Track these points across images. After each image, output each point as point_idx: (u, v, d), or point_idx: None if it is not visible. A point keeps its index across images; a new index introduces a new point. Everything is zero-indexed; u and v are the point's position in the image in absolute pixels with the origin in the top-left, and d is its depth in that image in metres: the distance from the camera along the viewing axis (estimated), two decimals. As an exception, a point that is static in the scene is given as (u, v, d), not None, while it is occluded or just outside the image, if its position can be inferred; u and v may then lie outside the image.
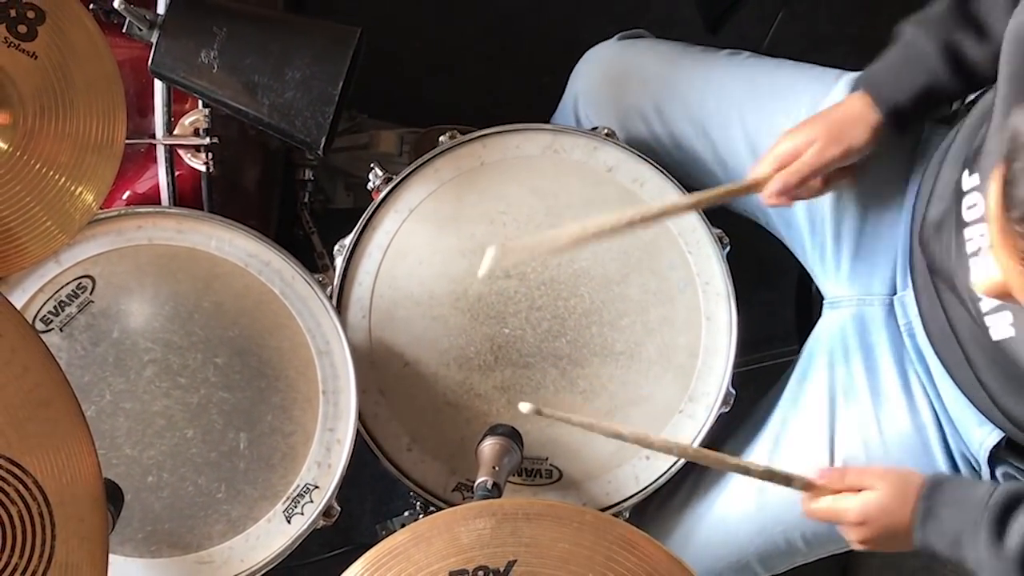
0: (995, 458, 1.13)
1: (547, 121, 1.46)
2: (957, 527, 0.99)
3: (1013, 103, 0.95)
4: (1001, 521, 0.96)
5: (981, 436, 1.13)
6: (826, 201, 1.22)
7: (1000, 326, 1.01)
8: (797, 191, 1.13)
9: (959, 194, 1.01)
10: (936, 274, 1.10)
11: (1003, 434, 1.11)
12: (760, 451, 1.27)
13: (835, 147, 1.10)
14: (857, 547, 1.10)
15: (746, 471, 1.06)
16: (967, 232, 0.99)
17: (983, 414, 1.11)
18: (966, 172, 1.01)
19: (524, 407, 0.99)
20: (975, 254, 0.97)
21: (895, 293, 1.22)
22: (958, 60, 1.07)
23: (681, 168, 1.29)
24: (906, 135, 1.15)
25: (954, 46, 1.07)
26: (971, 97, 1.18)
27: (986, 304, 1.03)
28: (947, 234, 1.04)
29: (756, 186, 1.14)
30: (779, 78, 1.29)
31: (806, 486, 1.07)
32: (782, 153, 1.12)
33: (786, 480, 1.06)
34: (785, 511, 1.22)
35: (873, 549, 1.08)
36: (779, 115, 1.24)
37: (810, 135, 1.11)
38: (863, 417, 1.20)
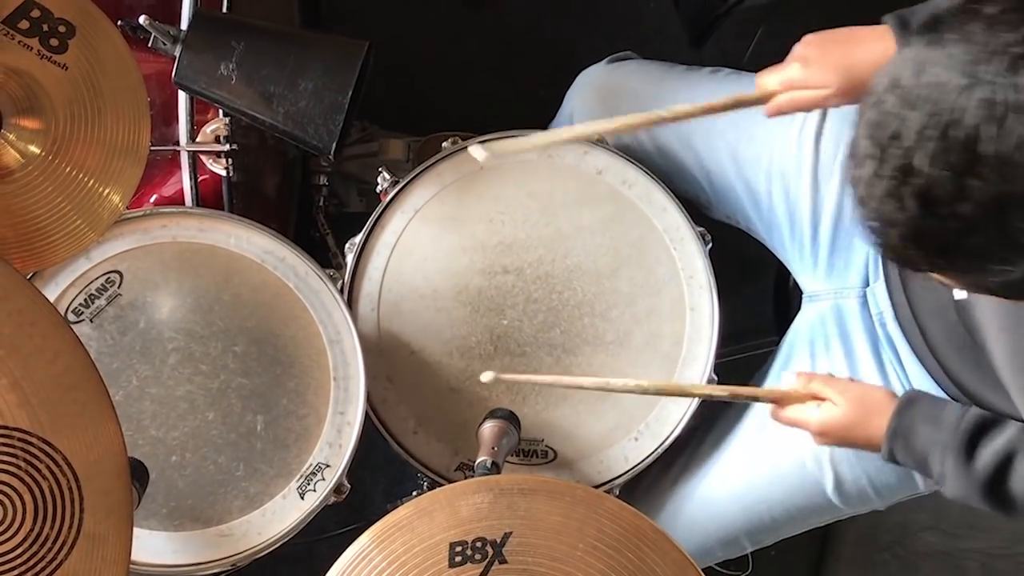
0: None
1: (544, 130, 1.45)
2: (927, 444, 0.98)
3: None
4: (971, 443, 0.96)
5: None
6: (804, 200, 1.21)
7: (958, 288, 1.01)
8: None
9: None
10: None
11: None
12: (746, 433, 1.26)
13: (841, 99, 1.01)
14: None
15: (710, 396, 1.04)
16: None
17: (946, 393, 1.11)
18: None
19: (485, 376, 0.99)
20: None
21: (868, 285, 1.21)
22: None
23: (667, 176, 1.29)
24: None
25: None
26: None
27: None
28: None
29: (761, 100, 1.04)
30: None
31: (773, 399, 1.06)
32: (794, 78, 1.02)
33: (752, 397, 1.05)
34: (769, 489, 1.22)
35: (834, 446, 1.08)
36: (758, 127, 1.23)
37: (822, 79, 1.00)
38: None
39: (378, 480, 1.71)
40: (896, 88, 0.68)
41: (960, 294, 1.00)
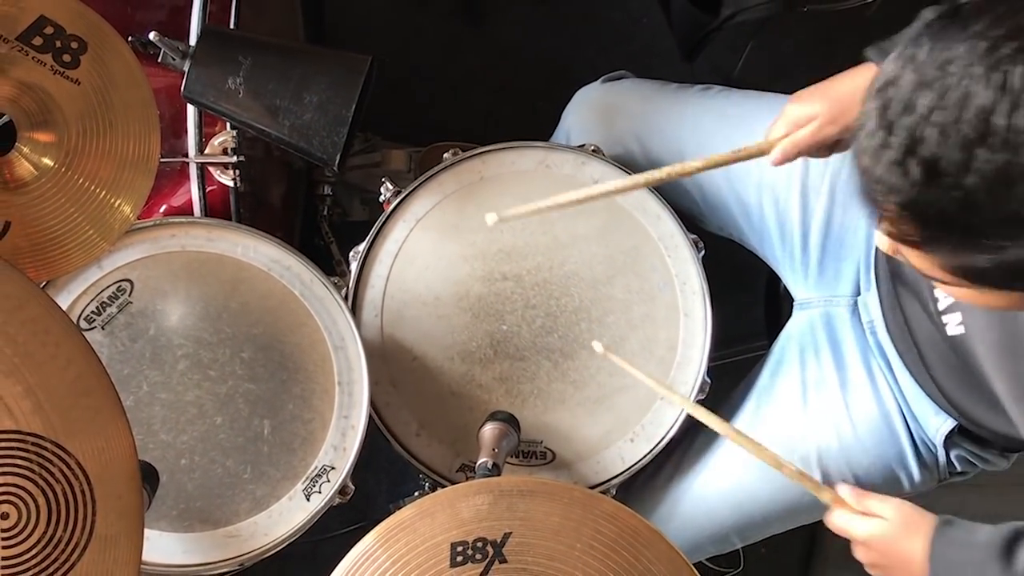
0: (950, 443, 1.12)
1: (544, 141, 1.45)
2: (967, 563, 0.94)
3: None
4: (1008, 549, 0.92)
5: (937, 424, 1.12)
6: (794, 211, 1.21)
7: (952, 324, 1.00)
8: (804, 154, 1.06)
9: None
10: (896, 277, 1.09)
11: (956, 422, 1.10)
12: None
13: (832, 127, 1.02)
14: (869, 570, 1.04)
15: (778, 466, 1.01)
16: None
17: (936, 404, 1.10)
18: None
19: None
20: None
21: (859, 294, 1.21)
22: None
23: (660, 190, 1.29)
24: None
25: None
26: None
27: (943, 303, 1.02)
28: None
29: (762, 152, 1.04)
30: (746, 107, 1.28)
31: (832, 499, 1.01)
32: (790, 116, 1.03)
33: (816, 487, 1.02)
34: (759, 489, 1.21)
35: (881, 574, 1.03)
36: (747, 140, 1.23)
37: (811, 111, 1.02)
38: (834, 407, 1.19)
39: (381, 481, 1.71)
40: (911, 63, 0.67)
41: (954, 330, 0.99)
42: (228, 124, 1.18)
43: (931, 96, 0.65)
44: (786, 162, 1.05)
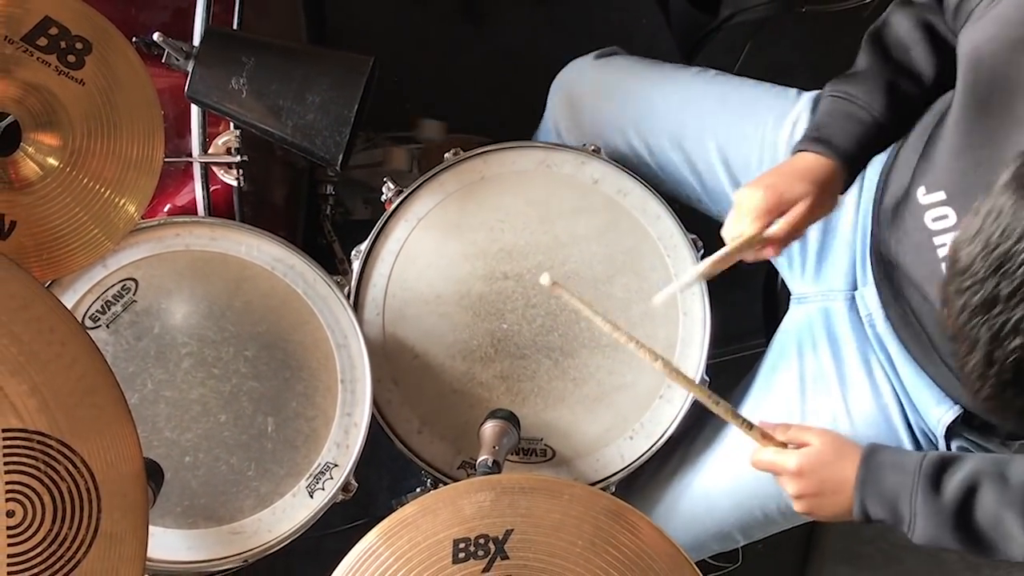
0: (951, 433, 1.12)
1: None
2: (895, 487, 0.96)
3: (964, 117, 0.93)
4: (936, 478, 0.95)
5: (939, 414, 1.11)
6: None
7: None
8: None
9: (910, 198, 0.99)
10: (898, 269, 1.08)
11: (960, 411, 1.09)
12: (736, 433, 1.25)
13: (821, 210, 1.02)
14: (796, 506, 1.04)
15: (705, 402, 1.00)
16: (936, 240, 0.97)
17: (944, 391, 1.09)
18: (922, 188, 0.99)
19: (544, 279, 0.95)
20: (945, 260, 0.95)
21: (856, 288, 1.20)
22: (899, 102, 1.03)
23: (657, 176, 1.28)
24: (848, 187, 1.07)
25: (893, 90, 1.02)
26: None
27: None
28: (907, 239, 1.02)
29: (752, 244, 1.03)
30: (746, 94, 1.27)
31: (761, 435, 1.03)
32: (762, 209, 1.01)
33: (747, 425, 1.03)
34: (760, 486, 1.21)
35: (810, 510, 1.03)
36: (748, 127, 1.22)
37: (795, 194, 1.01)
38: (832, 400, 1.19)
39: (383, 477, 1.71)
40: (990, 253, 0.65)
41: None
42: (232, 124, 1.17)
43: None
44: (779, 255, 1.04)
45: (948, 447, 1.12)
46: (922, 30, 1.03)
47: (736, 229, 1.02)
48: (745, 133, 1.21)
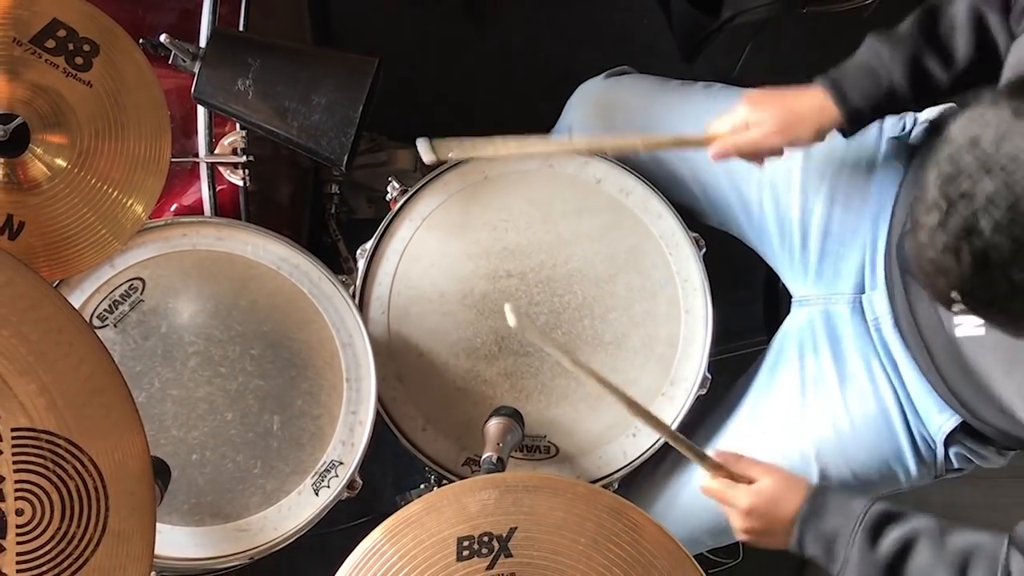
0: (950, 440, 1.11)
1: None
2: (836, 528, 0.96)
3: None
4: (876, 530, 0.95)
5: (940, 421, 1.11)
6: (794, 210, 1.21)
7: (968, 325, 0.99)
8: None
9: None
10: (910, 277, 1.08)
11: (960, 419, 1.09)
12: (736, 432, 1.25)
13: (778, 138, 1.07)
14: (739, 536, 1.05)
15: (671, 442, 1.02)
16: None
17: (943, 401, 1.09)
18: None
19: (511, 320, 0.89)
20: None
21: (863, 292, 1.20)
22: (920, 78, 1.03)
23: (662, 186, 1.28)
24: (852, 136, 1.10)
25: (918, 64, 1.03)
26: (924, 116, 1.16)
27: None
28: None
29: (706, 142, 1.11)
30: None
31: (711, 465, 1.03)
32: (736, 121, 1.09)
33: (700, 456, 1.03)
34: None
35: (753, 542, 1.03)
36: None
37: (761, 117, 1.07)
38: (832, 402, 1.19)
39: (387, 473, 1.71)
40: (975, 148, 0.67)
41: (963, 332, 0.99)
42: (238, 125, 1.18)
43: (991, 186, 0.65)
44: (721, 159, 1.10)
45: (947, 454, 1.12)
46: (974, 19, 1.02)
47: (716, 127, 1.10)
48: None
